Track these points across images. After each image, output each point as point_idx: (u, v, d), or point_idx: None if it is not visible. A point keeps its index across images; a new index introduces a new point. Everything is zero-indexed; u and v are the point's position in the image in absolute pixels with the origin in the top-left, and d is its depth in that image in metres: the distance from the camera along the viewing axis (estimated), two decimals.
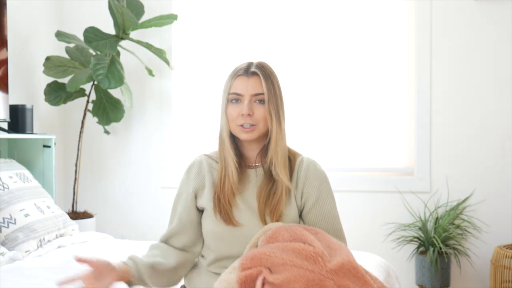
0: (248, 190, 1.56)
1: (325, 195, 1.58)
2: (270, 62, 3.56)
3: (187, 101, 3.52)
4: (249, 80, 1.53)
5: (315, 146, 3.32)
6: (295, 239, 1.39)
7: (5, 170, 2.59)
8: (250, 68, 1.55)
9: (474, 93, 3.06)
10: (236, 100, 1.53)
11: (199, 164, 1.63)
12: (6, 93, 2.81)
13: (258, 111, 1.52)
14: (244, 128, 1.51)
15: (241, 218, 1.53)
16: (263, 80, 1.54)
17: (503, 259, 2.77)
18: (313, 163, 1.61)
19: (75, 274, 1.47)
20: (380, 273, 2.03)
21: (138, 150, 3.58)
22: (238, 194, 1.55)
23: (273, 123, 1.53)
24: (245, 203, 1.55)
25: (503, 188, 3.02)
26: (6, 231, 2.33)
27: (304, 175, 1.57)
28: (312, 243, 1.36)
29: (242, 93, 1.52)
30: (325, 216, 1.57)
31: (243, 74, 1.54)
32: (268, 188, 1.53)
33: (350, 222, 3.23)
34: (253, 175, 1.58)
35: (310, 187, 1.56)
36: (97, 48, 3.06)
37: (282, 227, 1.44)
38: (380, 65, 3.23)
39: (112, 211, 3.62)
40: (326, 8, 3.31)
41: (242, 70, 1.55)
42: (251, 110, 1.51)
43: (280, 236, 1.40)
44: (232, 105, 1.53)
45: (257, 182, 1.56)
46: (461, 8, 3.06)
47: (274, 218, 1.52)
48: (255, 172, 1.58)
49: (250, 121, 1.51)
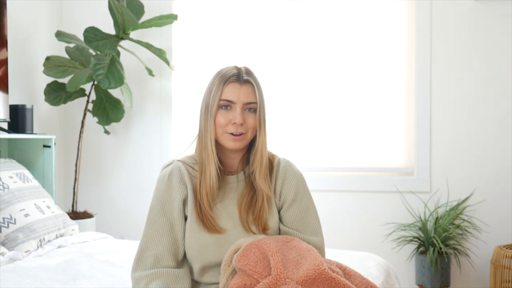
0: (229, 197, 1.54)
1: (302, 194, 1.59)
2: (270, 62, 3.56)
3: (187, 101, 3.52)
4: (241, 87, 1.50)
5: (315, 146, 3.32)
6: (263, 257, 1.41)
7: (5, 170, 2.59)
8: (242, 75, 1.52)
9: (474, 93, 3.06)
10: (226, 107, 1.50)
11: (178, 170, 1.55)
12: (6, 93, 2.81)
13: (249, 119, 1.50)
14: (234, 136, 1.48)
15: (224, 225, 1.51)
16: (256, 89, 1.52)
17: (503, 259, 2.77)
18: (289, 163, 1.61)
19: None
20: (380, 273, 2.03)
21: (138, 150, 3.58)
22: (218, 202, 1.52)
23: (261, 132, 1.52)
24: (226, 210, 1.53)
25: (503, 188, 3.02)
26: (6, 231, 2.33)
27: (282, 176, 1.58)
28: (274, 265, 1.38)
29: (234, 101, 1.49)
30: (302, 215, 1.57)
31: (235, 81, 1.50)
32: (249, 196, 1.53)
33: (350, 222, 3.24)
34: (233, 182, 1.56)
35: (287, 188, 1.57)
36: (97, 48, 3.06)
37: (252, 244, 1.44)
38: (380, 65, 3.23)
39: (112, 211, 3.62)
40: (327, 8, 3.31)
41: (234, 77, 1.51)
42: (243, 119, 1.48)
43: (252, 254, 1.41)
44: (222, 111, 1.50)
45: (238, 189, 1.55)
46: (461, 8, 3.06)
47: (260, 227, 1.52)
48: (236, 178, 1.56)
49: (241, 130, 1.48)
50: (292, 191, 1.57)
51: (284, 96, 3.37)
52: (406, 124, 3.20)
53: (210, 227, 1.49)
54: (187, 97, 3.52)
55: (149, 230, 1.53)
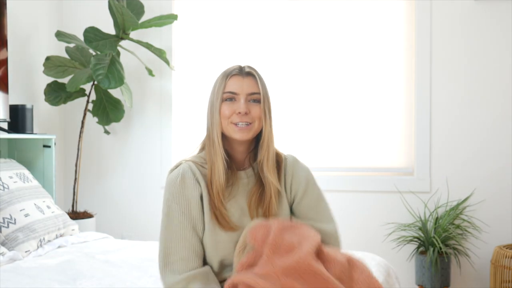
0: (241, 194, 1.57)
1: (312, 185, 1.64)
2: (271, 62, 3.55)
3: (187, 101, 3.52)
4: (244, 79, 1.54)
5: (316, 146, 3.32)
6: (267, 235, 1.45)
7: (5, 170, 2.59)
8: (244, 69, 1.57)
9: (474, 93, 3.06)
10: (231, 99, 1.52)
11: (189, 169, 1.54)
12: (6, 93, 2.81)
13: (254, 109, 1.53)
14: (239, 126, 1.51)
15: (239, 222, 1.54)
16: (258, 80, 1.55)
17: (503, 259, 2.77)
18: (296, 159, 1.67)
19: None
20: (380, 273, 2.03)
21: (138, 150, 3.58)
22: (231, 198, 1.54)
23: (267, 123, 1.55)
24: (239, 207, 1.55)
25: (503, 188, 3.02)
26: (6, 231, 2.33)
27: (291, 171, 1.62)
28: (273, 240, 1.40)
29: (237, 92, 1.52)
30: (314, 204, 1.62)
31: (237, 74, 1.55)
32: (258, 192, 1.56)
33: (350, 222, 3.23)
34: (244, 177, 1.59)
35: (297, 180, 1.62)
36: (97, 48, 3.06)
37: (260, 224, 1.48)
38: (380, 65, 3.23)
39: (112, 211, 3.62)
40: (327, 8, 3.31)
41: (236, 70, 1.56)
42: (247, 109, 1.51)
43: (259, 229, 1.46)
44: (226, 103, 1.52)
45: (248, 185, 1.58)
46: (461, 8, 3.06)
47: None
48: (246, 174, 1.59)
49: (246, 119, 1.51)
50: (302, 183, 1.61)
51: (284, 96, 3.36)
52: (406, 124, 3.20)
53: (225, 225, 1.51)
54: (187, 97, 3.52)
55: (170, 233, 1.50)
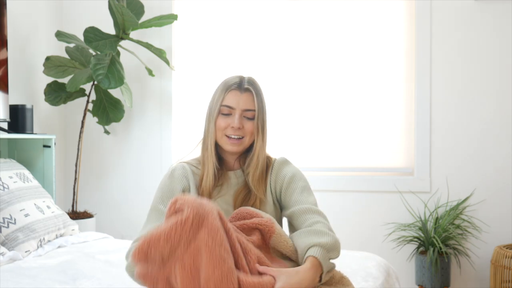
0: (229, 193, 1.67)
1: (298, 178, 1.66)
2: (271, 62, 3.56)
3: (187, 101, 3.52)
4: (242, 95, 1.62)
5: (316, 146, 3.32)
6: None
7: (5, 170, 2.59)
8: (243, 84, 1.64)
9: (474, 93, 3.06)
10: (227, 114, 1.63)
11: (181, 168, 1.68)
12: (6, 93, 2.80)
13: (247, 125, 1.63)
14: (231, 139, 1.62)
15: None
16: (255, 97, 1.63)
17: (503, 259, 2.77)
18: (285, 160, 1.72)
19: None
20: (380, 273, 2.02)
21: (138, 150, 3.58)
22: (220, 197, 1.64)
23: (259, 138, 1.64)
24: (225, 204, 1.64)
25: (503, 188, 3.02)
26: (6, 231, 2.33)
27: (276, 170, 1.69)
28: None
29: (234, 107, 1.62)
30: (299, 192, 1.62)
31: (236, 89, 1.63)
32: (244, 194, 1.65)
33: (350, 222, 3.24)
34: (233, 177, 1.69)
35: (282, 175, 1.67)
36: (97, 48, 3.06)
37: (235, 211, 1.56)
38: (380, 65, 3.23)
39: (112, 211, 3.62)
40: (327, 9, 3.31)
41: (236, 85, 1.63)
42: (241, 124, 1.61)
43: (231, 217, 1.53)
44: (222, 116, 1.63)
45: (237, 185, 1.68)
46: (461, 8, 3.06)
47: None
48: (235, 175, 1.69)
49: (239, 133, 1.62)
50: (287, 176, 1.67)
51: (284, 96, 3.36)
52: (406, 124, 3.20)
53: None
54: (187, 97, 3.52)
55: (146, 220, 1.59)
